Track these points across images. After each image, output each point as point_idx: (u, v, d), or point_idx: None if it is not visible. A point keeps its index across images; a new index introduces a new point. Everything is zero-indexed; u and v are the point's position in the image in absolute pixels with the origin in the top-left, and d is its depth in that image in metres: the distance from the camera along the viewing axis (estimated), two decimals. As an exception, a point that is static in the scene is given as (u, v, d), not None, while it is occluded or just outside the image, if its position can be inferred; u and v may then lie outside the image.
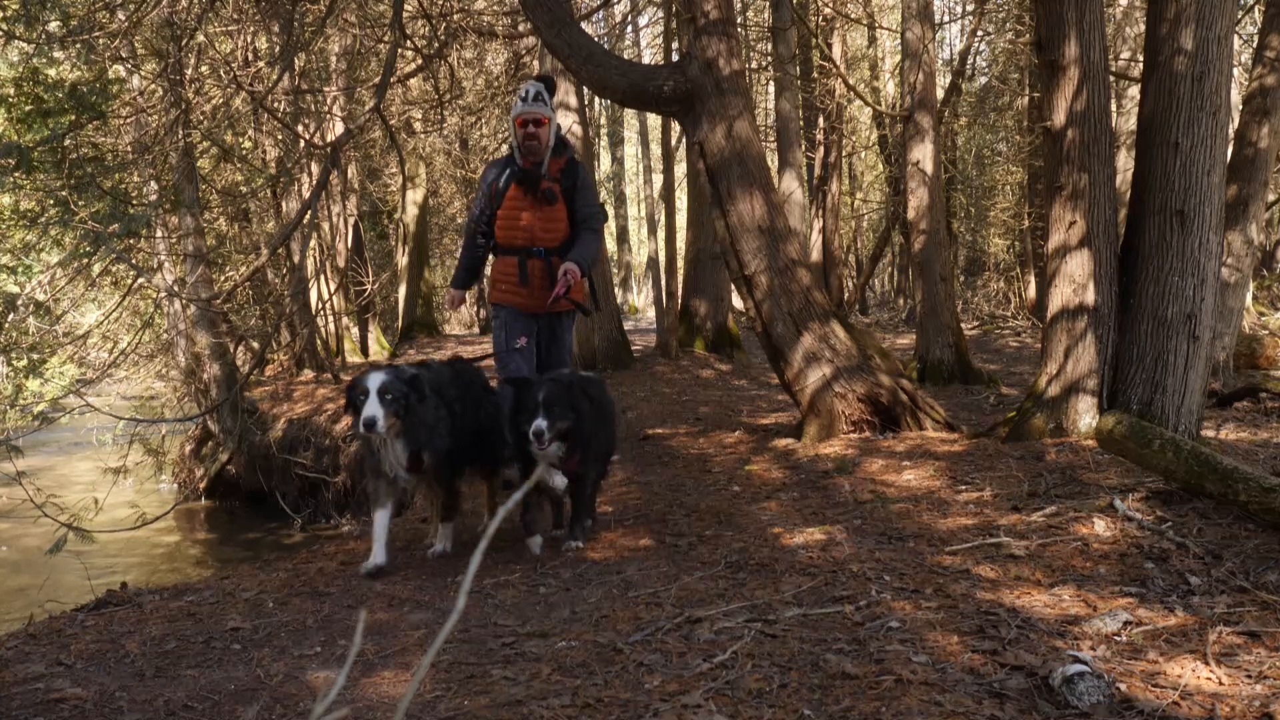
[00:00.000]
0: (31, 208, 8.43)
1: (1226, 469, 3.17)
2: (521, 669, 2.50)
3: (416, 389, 3.71)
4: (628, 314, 25.48)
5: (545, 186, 4.61)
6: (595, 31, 17.88)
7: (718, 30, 5.45)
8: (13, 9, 6.59)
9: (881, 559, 3.15)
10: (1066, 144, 4.63)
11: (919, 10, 8.75)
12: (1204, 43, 4.30)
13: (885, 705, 2.05)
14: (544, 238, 4.62)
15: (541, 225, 4.62)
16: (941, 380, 8.22)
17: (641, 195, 22.71)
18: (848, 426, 5.24)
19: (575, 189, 4.67)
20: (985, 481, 4.05)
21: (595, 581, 3.35)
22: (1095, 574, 2.84)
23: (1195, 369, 4.34)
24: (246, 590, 3.66)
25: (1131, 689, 2.04)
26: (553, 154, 4.68)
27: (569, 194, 4.66)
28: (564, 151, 4.75)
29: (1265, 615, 2.43)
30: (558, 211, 4.64)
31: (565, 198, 4.66)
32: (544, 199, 4.59)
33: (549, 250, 4.64)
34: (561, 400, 3.58)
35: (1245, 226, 6.27)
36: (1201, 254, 4.33)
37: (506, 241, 4.66)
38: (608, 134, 25.24)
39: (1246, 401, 6.07)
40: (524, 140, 4.61)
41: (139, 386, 12.49)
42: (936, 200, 8.59)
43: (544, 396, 3.53)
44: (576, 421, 3.62)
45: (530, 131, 4.59)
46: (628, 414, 7.60)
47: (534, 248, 4.62)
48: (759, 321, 5.43)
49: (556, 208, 4.63)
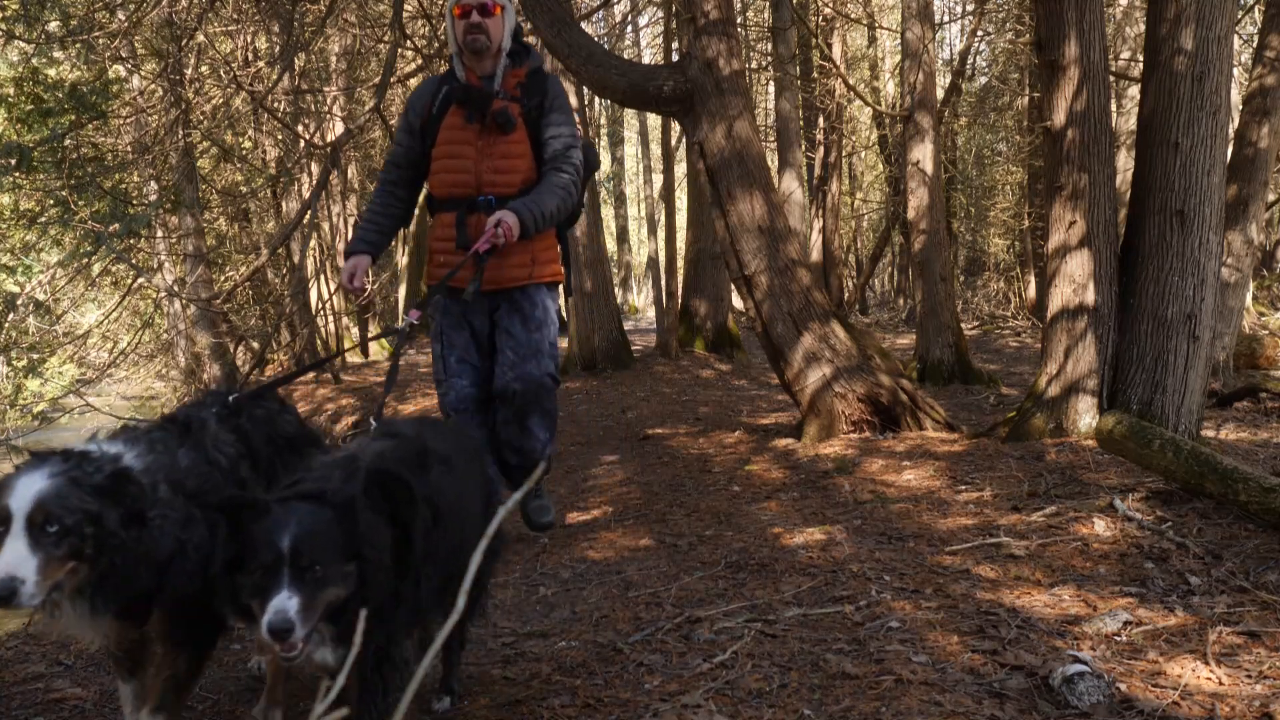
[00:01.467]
0: (31, 208, 8.43)
1: (1226, 469, 3.17)
2: (521, 669, 2.50)
3: (121, 502, 1.82)
4: (628, 314, 25.48)
5: (499, 108, 3.30)
6: (595, 31, 17.87)
7: (718, 30, 5.44)
8: (13, 9, 6.59)
9: (881, 559, 3.14)
10: (1066, 144, 4.63)
11: (919, 10, 8.75)
12: (1204, 43, 4.30)
13: (885, 705, 2.05)
14: (496, 181, 3.32)
15: (493, 164, 3.31)
16: (941, 380, 8.22)
17: (641, 195, 22.71)
18: (848, 426, 5.24)
19: (544, 112, 3.34)
20: (985, 481, 4.05)
21: (595, 581, 3.35)
22: (1095, 574, 2.84)
23: (1195, 369, 4.34)
24: (246, 590, 3.66)
25: (1131, 689, 2.04)
26: (510, 62, 3.41)
27: (533, 119, 3.35)
28: (526, 59, 3.45)
29: (1265, 615, 2.42)
30: (516, 144, 3.32)
31: (528, 124, 3.34)
32: (496, 126, 3.27)
33: (504, 200, 3.27)
34: (331, 544, 1.71)
35: (1245, 226, 6.27)
36: (1201, 254, 4.33)
37: (443, 190, 3.38)
38: (608, 134, 25.24)
39: (1246, 401, 6.07)
40: (465, 37, 3.30)
41: (139, 386, 12.49)
42: (936, 200, 8.59)
43: (293, 540, 1.67)
44: (366, 575, 1.73)
45: (475, 22, 3.27)
46: (627, 414, 7.60)
47: (481, 197, 3.31)
48: (759, 321, 5.43)
49: (514, 138, 3.31)
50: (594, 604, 3.05)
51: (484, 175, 3.32)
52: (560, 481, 5.35)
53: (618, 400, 8.51)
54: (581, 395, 9.04)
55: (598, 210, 10.47)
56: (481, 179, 3.32)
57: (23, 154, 5.58)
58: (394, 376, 2.72)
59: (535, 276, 3.46)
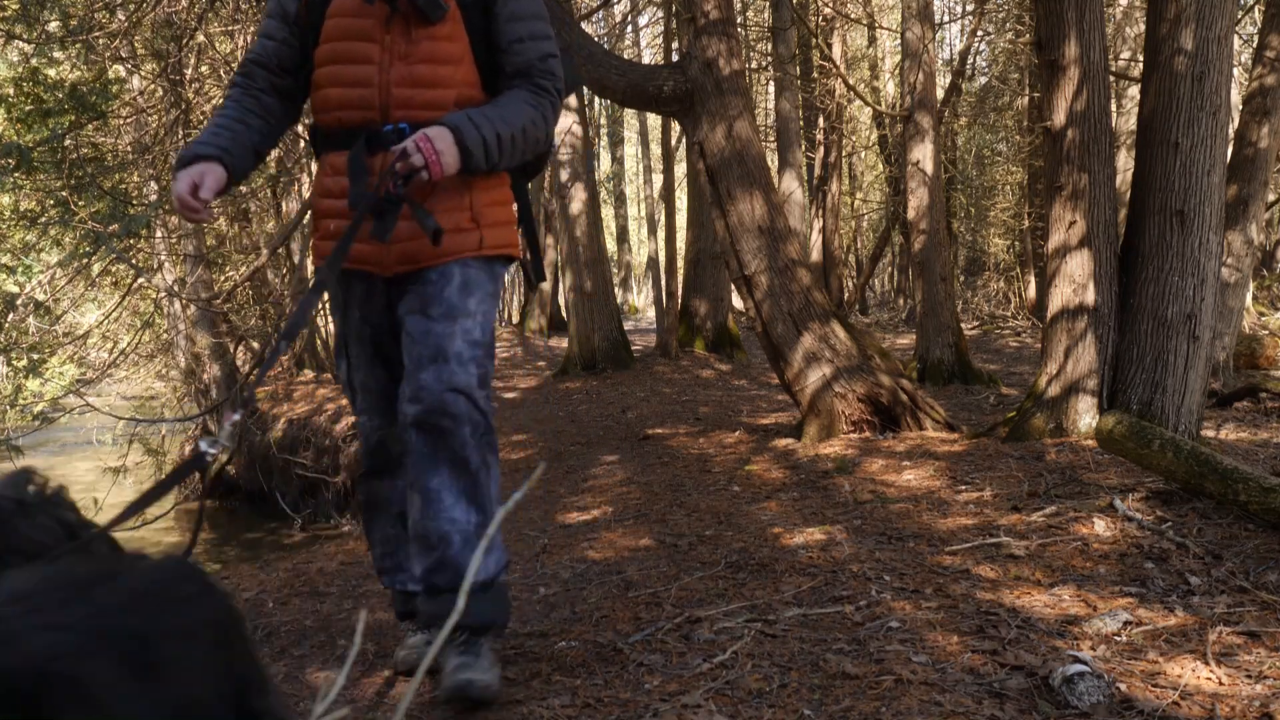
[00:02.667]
0: (31, 208, 8.44)
1: (1226, 469, 3.17)
2: (521, 669, 2.50)
3: None
4: (628, 314, 25.48)
5: None
6: (595, 31, 17.87)
7: (718, 30, 5.45)
8: (13, 9, 6.59)
9: (881, 559, 3.15)
10: (1066, 144, 4.63)
11: (919, 10, 8.75)
12: (1204, 43, 4.30)
13: (885, 705, 2.05)
14: (414, 99, 2.12)
15: (408, 71, 2.12)
16: (941, 380, 8.22)
17: (641, 195, 22.72)
18: (848, 426, 5.25)
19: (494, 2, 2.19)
20: (985, 481, 4.05)
21: (595, 581, 3.35)
22: (1095, 574, 2.84)
23: (1195, 369, 4.34)
24: (246, 590, 3.66)
25: (1131, 689, 2.04)
26: None
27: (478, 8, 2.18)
28: None
29: (1265, 615, 2.43)
30: (447, 42, 2.16)
31: (469, 17, 2.18)
32: (414, 10, 2.11)
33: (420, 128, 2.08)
34: None
35: (1245, 226, 6.27)
36: (1201, 254, 4.33)
37: (330, 116, 2.19)
38: (608, 134, 25.25)
39: (1246, 401, 6.07)
40: None
41: (139, 386, 12.50)
42: (936, 200, 8.59)
43: None
44: None
45: None
46: (627, 414, 7.60)
47: (389, 125, 2.12)
48: (759, 321, 5.43)
49: (443, 33, 2.14)
50: (594, 604, 3.05)
51: (393, 90, 2.08)
52: (560, 481, 5.35)
53: (618, 400, 8.51)
54: (581, 395, 9.04)
55: (598, 210, 10.47)
56: (390, 96, 2.08)
57: (23, 154, 5.59)
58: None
59: (474, 248, 2.17)
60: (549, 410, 8.33)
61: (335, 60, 2.17)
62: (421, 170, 2.01)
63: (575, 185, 10.19)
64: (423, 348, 2.12)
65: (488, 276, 2.23)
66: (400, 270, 2.18)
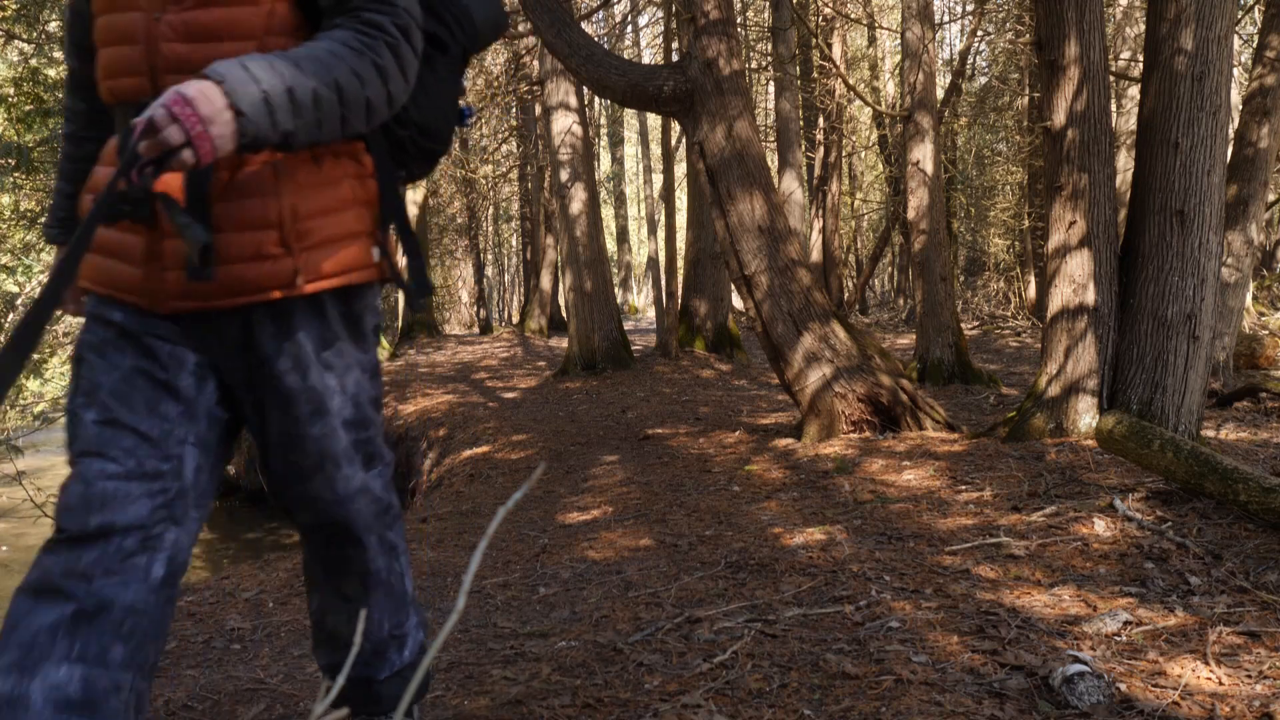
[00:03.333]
0: (31, 208, 8.44)
1: (1226, 469, 3.17)
2: (521, 669, 2.50)
3: None
4: (628, 314, 25.50)
5: None
6: (595, 31, 17.89)
7: (718, 30, 5.45)
8: (13, 9, 6.59)
9: (881, 559, 3.15)
10: (1066, 144, 4.63)
11: (919, 10, 8.75)
12: (1204, 43, 4.30)
13: (885, 705, 2.05)
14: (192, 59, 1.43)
15: (181, 19, 1.44)
16: (941, 380, 8.22)
17: (641, 195, 22.73)
18: (848, 426, 5.25)
19: None
20: (985, 481, 4.05)
21: (595, 581, 3.35)
22: (1095, 574, 2.85)
23: (1195, 369, 4.35)
24: (246, 590, 3.66)
25: (1131, 689, 2.04)
26: None
27: None
28: None
29: (1265, 615, 2.43)
30: None
31: None
32: None
33: None
34: None
35: (1245, 226, 6.27)
36: (1201, 254, 4.33)
37: (103, 89, 1.55)
38: (608, 134, 25.26)
39: (1246, 401, 6.07)
40: None
41: (139, 386, 12.50)
42: (936, 200, 8.59)
43: None
44: None
45: None
46: (627, 414, 7.60)
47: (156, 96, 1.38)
48: (759, 321, 5.44)
49: None
50: (594, 604, 3.05)
51: (161, 46, 1.46)
52: (560, 481, 5.36)
53: (618, 400, 8.52)
54: (581, 395, 9.04)
55: (598, 210, 10.48)
56: (158, 59, 1.47)
57: (22, 154, 5.59)
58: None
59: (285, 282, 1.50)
60: (549, 410, 8.34)
61: (107, 27, 1.54)
62: (182, 149, 1.27)
63: (575, 185, 10.19)
64: (300, 455, 1.65)
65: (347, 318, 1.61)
66: (181, 308, 1.49)
